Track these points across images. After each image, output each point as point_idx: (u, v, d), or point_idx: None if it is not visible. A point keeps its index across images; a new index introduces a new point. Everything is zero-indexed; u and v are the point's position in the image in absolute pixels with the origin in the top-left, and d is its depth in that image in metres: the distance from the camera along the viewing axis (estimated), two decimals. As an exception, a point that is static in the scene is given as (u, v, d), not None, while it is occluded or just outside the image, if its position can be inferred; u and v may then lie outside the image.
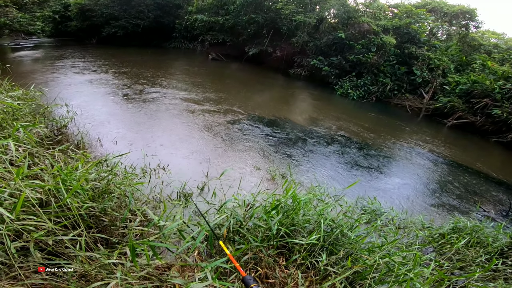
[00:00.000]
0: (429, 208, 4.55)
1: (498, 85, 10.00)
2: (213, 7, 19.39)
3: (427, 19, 14.50)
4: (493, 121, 9.68)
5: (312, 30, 15.39)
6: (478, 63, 12.04)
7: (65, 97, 5.90)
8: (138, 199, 2.62)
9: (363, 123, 9.02)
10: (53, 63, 11.19)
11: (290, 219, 2.32)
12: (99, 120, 5.62)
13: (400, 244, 2.73)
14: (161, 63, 14.08)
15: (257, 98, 10.05)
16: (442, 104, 11.09)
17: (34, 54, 13.69)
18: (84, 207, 1.69)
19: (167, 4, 21.23)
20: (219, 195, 3.08)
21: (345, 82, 13.07)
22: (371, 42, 12.84)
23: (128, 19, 20.05)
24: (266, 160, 5.06)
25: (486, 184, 5.89)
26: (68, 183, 1.74)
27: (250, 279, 1.51)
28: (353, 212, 3.09)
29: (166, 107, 7.18)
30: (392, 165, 6.06)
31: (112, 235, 1.86)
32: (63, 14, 23.54)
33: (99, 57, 13.88)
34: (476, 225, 3.34)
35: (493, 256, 2.82)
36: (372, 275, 1.92)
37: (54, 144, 3.24)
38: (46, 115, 4.18)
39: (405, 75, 13.04)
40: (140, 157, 3.96)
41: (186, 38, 21.73)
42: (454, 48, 13.63)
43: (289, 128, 7.14)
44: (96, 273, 1.43)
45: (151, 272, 1.62)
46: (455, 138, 9.27)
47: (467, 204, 4.91)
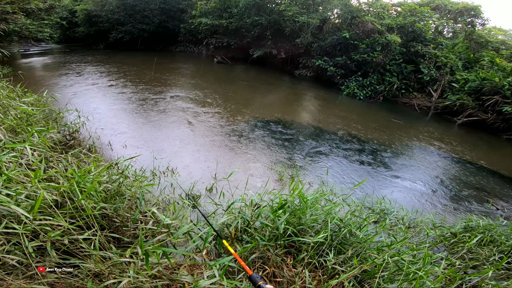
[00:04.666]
0: (440, 207, 4.49)
1: (507, 82, 9.81)
2: (217, 10, 19.56)
3: (431, 17, 14.35)
4: (504, 118, 9.51)
5: (316, 31, 15.36)
6: (486, 60, 11.83)
7: (75, 103, 6.04)
8: (149, 201, 2.67)
9: (371, 122, 8.96)
10: (62, 69, 11.46)
11: (297, 219, 2.34)
12: (109, 125, 5.74)
13: (410, 243, 2.70)
14: (168, 67, 14.26)
15: (264, 99, 10.09)
16: (451, 102, 10.94)
17: (44, 60, 14.03)
18: (97, 208, 1.75)
19: (171, 9, 21.52)
20: (227, 196, 3.12)
21: (351, 82, 13.01)
22: (375, 41, 12.76)
23: (133, 24, 20.39)
24: (274, 161, 5.08)
25: (498, 182, 5.79)
26: (82, 185, 1.80)
27: (257, 277, 1.49)
28: (361, 211, 3.07)
29: (174, 111, 7.28)
30: (401, 164, 6.01)
31: (124, 235, 1.91)
32: (70, 20, 24.08)
33: (107, 62, 14.14)
34: (489, 223, 3.28)
35: (506, 255, 2.76)
36: (381, 274, 1.91)
37: (67, 148, 3.33)
38: (58, 120, 4.30)
39: (412, 74, 12.90)
40: (150, 160, 4.04)
41: (191, 42, 21.98)
42: (461, 46, 13.42)
43: (297, 129, 7.15)
44: (109, 272, 1.47)
45: (161, 271, 1.66)
46: (465, 136, 9.12)
47: (479, 202, 4.83)
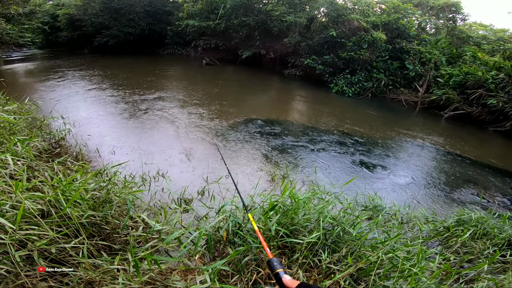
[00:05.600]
0: (431, 201, 4.56)
1: (491, 76, 10.13)
2: (204, 12, 19.47)
3: (414, 14, 14.69)
4: (489, 110, 9.79)
5: (304, 30, 15.49)
6: (469, 55, 12.18)
7: (60, 109, 5.89)
8: (140, 207, 2.63)
9: (361, 119, 9.09)
10: (46, 75, 11.16)
11: (289, 219, 2.33)
12: (97, 131, 5.63)
13: (404, 239, 2.70)
14: (156, 71, 14.10)
15: (254, 100, 10.09)
16: (437, 96, 11.21)
17: (27, 66, 13.66)
18: (85, 216, 1.72)
19: (157, 11, 21.26)
20: (219, 199, 3.09)
21: (339, 80, 13.17)
22: (362, 39, 12.96)
23: (119, 28, 20.02)
24: (265, 161, 5.08)
25: (487, 174, 5.91)
26: (68, 194, 1.76)
27: (276, 263, 1.32)
28: (354, 209, 3.08)
29: (162, 115, 7.19)
30: (392, 159, 6.11)
31: (116, 242, 1.88)
32: (52, 25, 23.51)
33: (92, 67, 13.86)
34: (481, 216, 3.27)
35: (500, 248, 2.79)
36: (376, 271, 1.90)
37: (53, 156, 3.24)
38: (43, 128, 4.18)
39: (399, 70, 13.17)
40: (139, 166, 3.97)
41: (179, 44, 21.79)
42: (443, 41, 13.78)
43: (288, 128, 7.18)
44: (100, 279, 1.45)
45: (153, 277, 1.64)
46: (453, 129, 9.37)
47: (469, 195, 4.91)
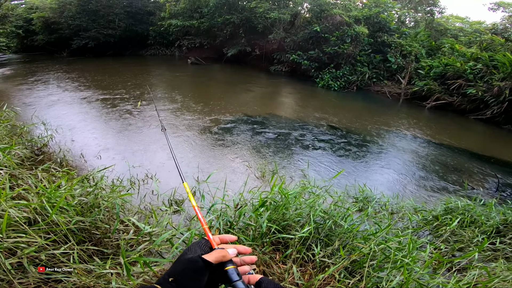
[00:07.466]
0: (419, 191, 4.65)
1: (469, 66, 10.52)
2: (187, 11, 19.20)
3: (394, 7, 15.04)
4: (469, 100, 10.17)
5: (288, 26, 15.56)
6: (447, 47, 12.60)
7: (41, 115, 5.69)
8: (130, 210, 2.59)
9: (347, 112, 9.25)
10: (23, 80, 10.73)
11: (280, 215, 2.33)
12: (80, 136, 5.48)
13: (395, 229, 2.72)
14: (140, 72, 13.81)
15: (241, 97, 10.08)
16: (419, 87, 11.55)
17: (3, 72, 13.08)
18: (73, 221, 1.69)
19: (138, 12, 20.72)
20: (209, 198, 3.07)
21: (325, 74, 13.34)
22: (345, 33, 13.15)
23: (98, 29, 19.38)
24: (254, 158, 5.10)
25: (471, 161, 6.09)
26: (53, 201, 1.72)
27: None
28: (344, 201, 3.11)
29: (147, 116, 7.07)
30: (379, 150, 6.26)
31: (107, 246, 1.85)
32: (27, 28, 22.45)
33: (71, 70, 13.42)
34: (467, 204, 3.30)
35: (489, 236, 2.82)
36: (370, 263, 1.91)
37: (36, 164, 3.14)
38: (24, 135, 4.03)
39: (381, 63, 13.47)
40: (126, 169, 3.90)
41: (163, 44, 21.37)
42: (422, 34, 14.17)
43: (276, 124, 7.22)
44: (94, 283, 1.44)
45: (148, 280, 1.63)
46: (436, 119, 9.68)
47: (455, 183, 5.02)
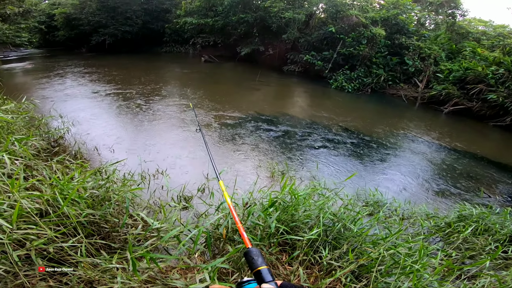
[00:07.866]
0: (432, 197, 4.52)
1: (491, 71, 10.10)
2: (202, 9, 19.32)
3: (413, 9, 14.63)
4: (489, 105, 9.77)
5: (303, 26, 15.40)
6: (468, 50, 12.13)
7: (59, 108, 5.85)
8: (139, 205, 2.61)
9: (361, 114, 9.07)
10: (43, 74, 11.10)
11: (289, 215, 2.30)
12: (95, 129, 5.60)
13: (406, 235, 2.67)
14: (154, 68, 14.03)
15: (254, 96, 10.06)
16: (437, 91, 11.18)
17: (24, 66, 13.58)
18: (83, 214, 1.70)
19: (155, 9, 21.09)
20: (218, 196, 3.07)
21: (339, 76, 13.13)
22: (361, 34, 12.89)
23: (116, 26, 19.86)
24: (265, 158, 5.07)
25: (488, 169, 5.85)
26: (66, 192, 1.74)
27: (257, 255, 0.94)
28: (354, 204, 3.05)
29: (162, 112, 7.16)
30: (392, 154, 6.09)
31: (115, 241, 1.86)
32: (49, 24, 23.29)
33: (90, 65, 13.79)
34: (482, 212, 3.22)
35: (502, 244, 2.74)
36: (378, 268, 1.88)
37: (52, 155, 3.23)
38: (41, 127, 4.15)
39: (398, 65, 13.13)
40: (138, 164, 3.95)
41: (177, 41, 21.65)
42: (443, 37, 13.72)
43: (288, 124, 7.15)
44: (99, 277, 1.44)
45: (152, 275, 1.63)
46: (453, 124, 9.34)
47: (470, 190, 4.85)
